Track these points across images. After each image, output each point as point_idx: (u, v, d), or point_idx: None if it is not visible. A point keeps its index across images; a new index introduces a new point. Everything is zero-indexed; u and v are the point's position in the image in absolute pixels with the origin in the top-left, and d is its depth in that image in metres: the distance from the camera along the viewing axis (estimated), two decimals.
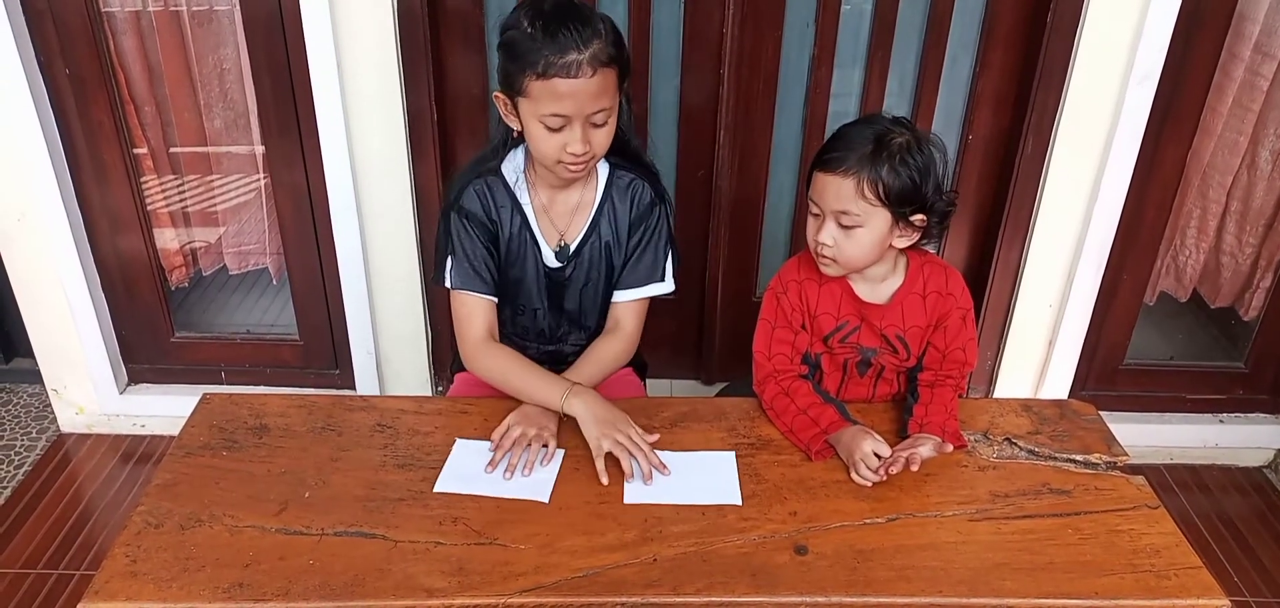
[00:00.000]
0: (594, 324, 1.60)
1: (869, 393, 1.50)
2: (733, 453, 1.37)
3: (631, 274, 1.54)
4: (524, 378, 1.44)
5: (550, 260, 1.52)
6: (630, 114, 1.49)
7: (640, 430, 1.35)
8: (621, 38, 1.36)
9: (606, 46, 1.31)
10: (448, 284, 1.49)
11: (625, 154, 1.51)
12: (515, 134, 1.43)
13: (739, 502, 1.28)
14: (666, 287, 1.56)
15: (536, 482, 1.29)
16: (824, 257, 1.37)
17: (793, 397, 1.40)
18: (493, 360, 1.48)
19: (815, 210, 1.36)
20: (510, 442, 1.34)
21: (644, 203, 1.51)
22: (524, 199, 1.49)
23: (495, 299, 1.52)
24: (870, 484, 1.30)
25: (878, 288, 1.43)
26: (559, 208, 1.50)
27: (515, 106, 1.37)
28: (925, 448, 1.31)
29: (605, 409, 1.37)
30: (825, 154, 1.34)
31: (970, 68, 2.12)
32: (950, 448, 1.35)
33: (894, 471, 1.29)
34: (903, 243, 1.37)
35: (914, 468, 1.29)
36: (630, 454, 1.31)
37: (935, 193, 1.33)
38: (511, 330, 1.60)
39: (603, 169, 1.51)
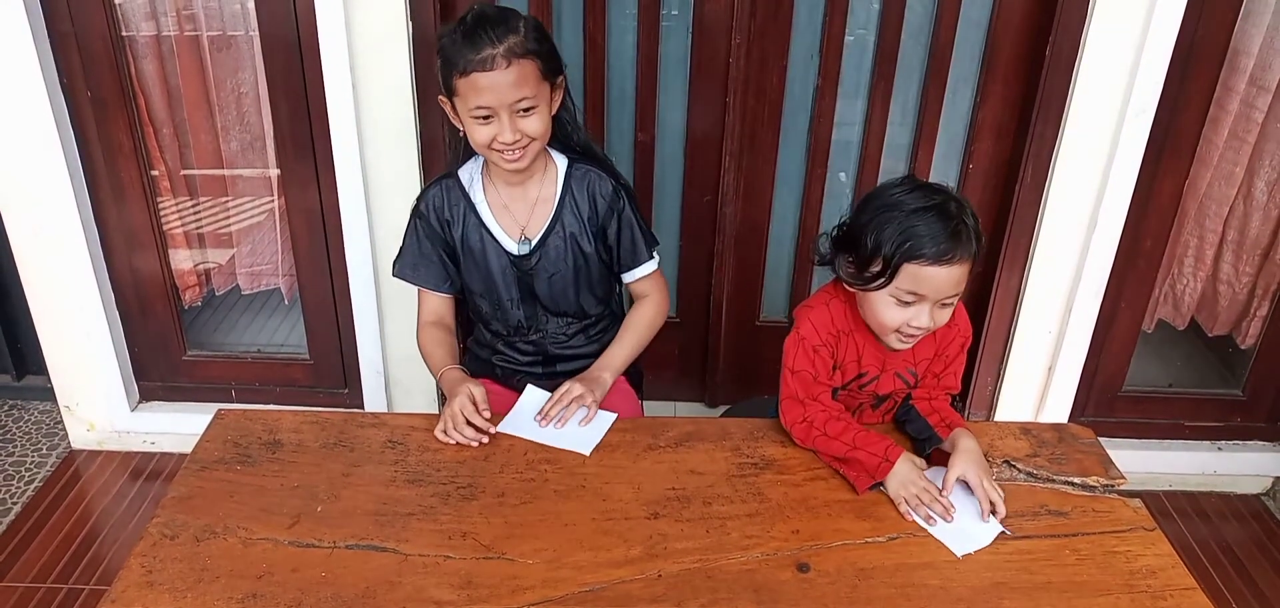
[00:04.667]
0: (571, 310, 1.66)
1: (880, 420, 1.53)
2: (614, 415, 1.46)
3: (622, 258, 1.64)
4: (430, 359, 1.62)
5: (512, 249, 1.59)
6: (572, 109, 1.59)
7: (470, 413, 1.44)
8: (544, 34, 1.46)
9: (524, 41, 1.41)
10: (392, 273, 1.64)
11: (572, 148, 1.60)
12: (462, 134, 1.52)
13: (587, 453, 1.40)
14: (653, 264, 1.65)
15: (582, 436, 1.39)
16: (913, 336, 1.36)
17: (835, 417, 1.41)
18: (424, 338, 1.65)
19: (911, 298, 1.32)
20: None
21: (607, 194, 1.59)
22: (478, 199, 1.58)
23: (444, 294, 1.64)
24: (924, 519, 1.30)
25: None
26: (519, 204, 1.58)
27: (454, 107, 1.47)
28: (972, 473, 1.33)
29: (454, 397, 1.47)
30: (935, 250, 1.28)
31: (971, 99, 2.17)
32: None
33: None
34: None
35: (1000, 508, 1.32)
36: (459, 431, 1.44)
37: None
38: (494, 327, 1.68)
39: (561, 165, 1.58)
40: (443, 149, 2.11)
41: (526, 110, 1.43)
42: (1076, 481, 1.40)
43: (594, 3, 2.08)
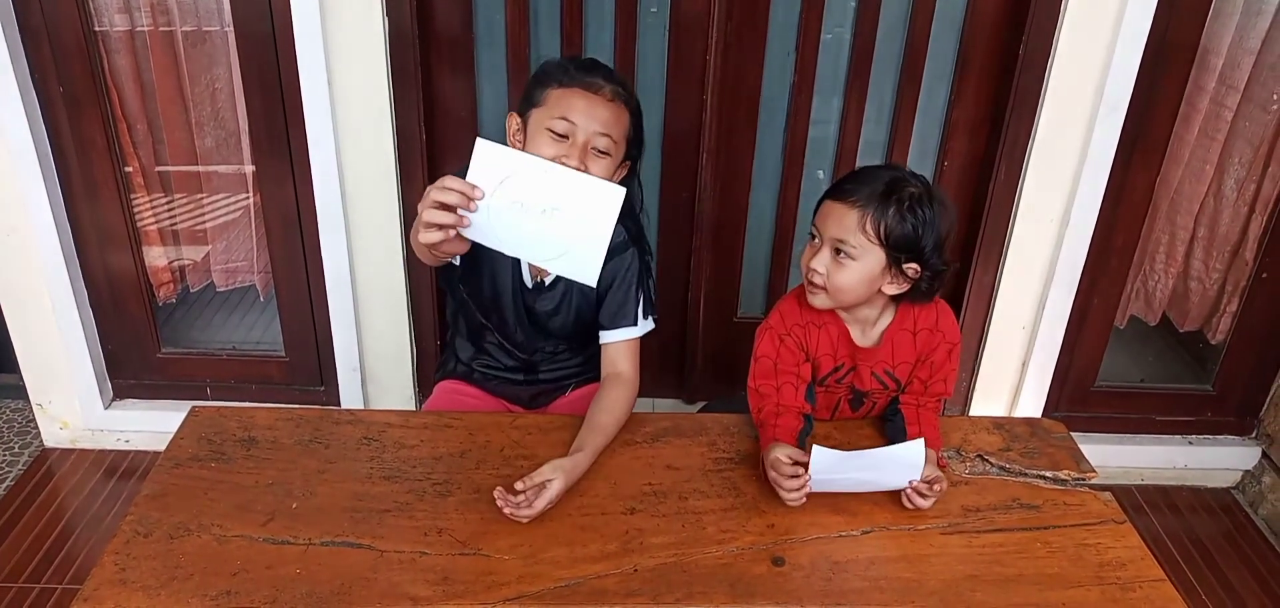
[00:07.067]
0: (566, 342, 1.68)
1: (862, 418, 1.55)
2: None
3: (606, 313, 1.57)
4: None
5: (528, 283, 1.59)
6: (641, 197, 1.60)
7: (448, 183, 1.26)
8: (641, 120, 1.50)
9: (629, 102, 1.45)
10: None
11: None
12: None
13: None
14: (636, 331, 1.57)
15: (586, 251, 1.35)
16: (814, 284, 1.39)
17: (780, 413, 1.42)
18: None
19: (815, 236, 1.40)
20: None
21: (614, 241, 1.53)
22: None
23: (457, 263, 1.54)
24: (793, 499, 1.30)
25: (871, 330, 1.46)
26: None
27: (525, 123, 1.45)
28: (928, 493, 1.32)
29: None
30: (840, 184, 1.39)
31: (945, 97, 2.19)
32: (940, 478, 1.34)
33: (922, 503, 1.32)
34: (893, 290, 1.38)
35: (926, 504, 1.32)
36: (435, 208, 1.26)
37: (934, 251, 1.35)
38: (490, 338, 1.68)
39: None
40: (419, 145, 2.11)
41: (600, 152, 1.42)
42: (1048, 474, 1.42)
43: (571, 0, 2.08)
